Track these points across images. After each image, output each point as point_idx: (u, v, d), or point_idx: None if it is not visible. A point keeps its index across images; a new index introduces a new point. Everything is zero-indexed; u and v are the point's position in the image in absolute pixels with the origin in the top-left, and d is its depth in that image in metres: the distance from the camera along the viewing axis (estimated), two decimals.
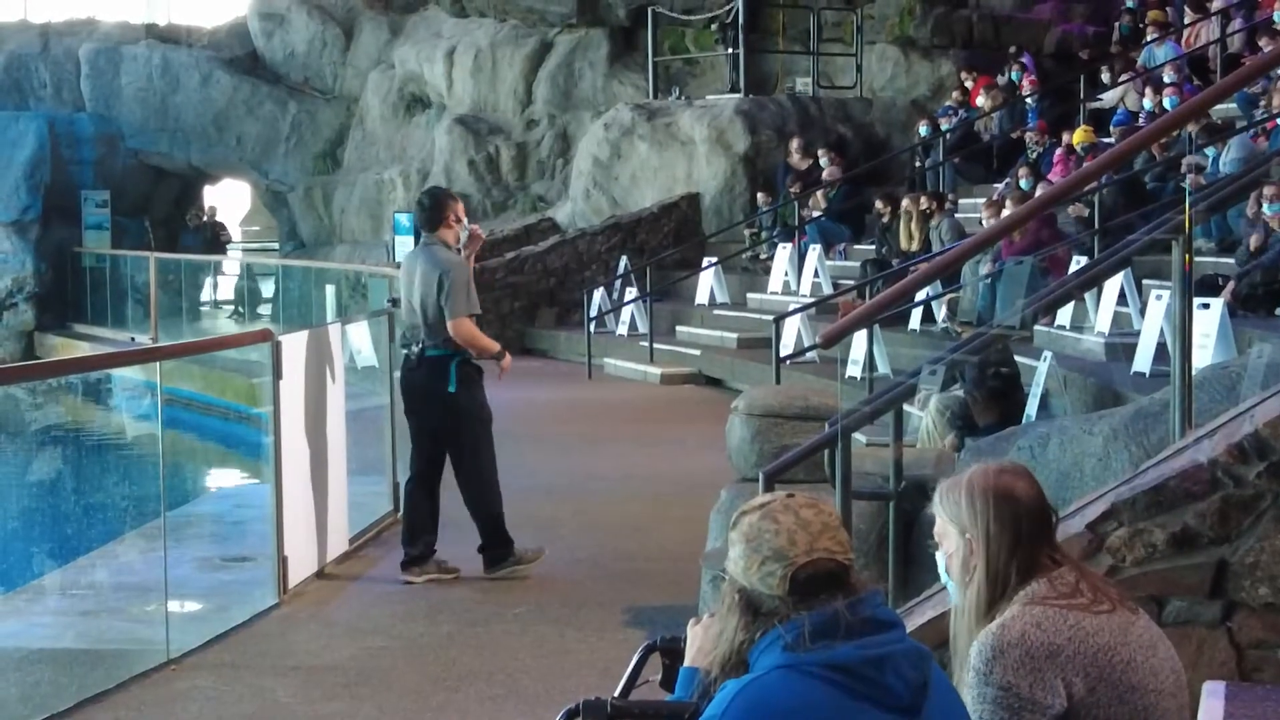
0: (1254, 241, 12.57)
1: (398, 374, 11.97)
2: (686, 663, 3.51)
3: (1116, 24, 22.59)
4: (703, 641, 3.46)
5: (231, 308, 28.75)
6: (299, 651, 8.15)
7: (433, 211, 9.52)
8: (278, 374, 9.07)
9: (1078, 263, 13.59)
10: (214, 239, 30.17)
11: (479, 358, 9.49)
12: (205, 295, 29.02)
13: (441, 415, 9.45)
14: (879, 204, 20.27)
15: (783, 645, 3.13)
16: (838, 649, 3.10)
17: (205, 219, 30.45)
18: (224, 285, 29.76)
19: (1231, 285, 11.48)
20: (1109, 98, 20.29)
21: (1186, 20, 20.51)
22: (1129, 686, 3.39)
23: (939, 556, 3.66)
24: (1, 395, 11.21)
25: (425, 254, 9.52)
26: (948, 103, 22.76)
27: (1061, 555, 3.60)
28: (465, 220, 9.62)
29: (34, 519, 12.23)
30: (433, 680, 7.60)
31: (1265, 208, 12.72)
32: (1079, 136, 18.03)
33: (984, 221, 16.07)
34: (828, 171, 22.23)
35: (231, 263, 30.77)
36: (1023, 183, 17.78)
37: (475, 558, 9.59)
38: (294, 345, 9.48)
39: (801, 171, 22.82)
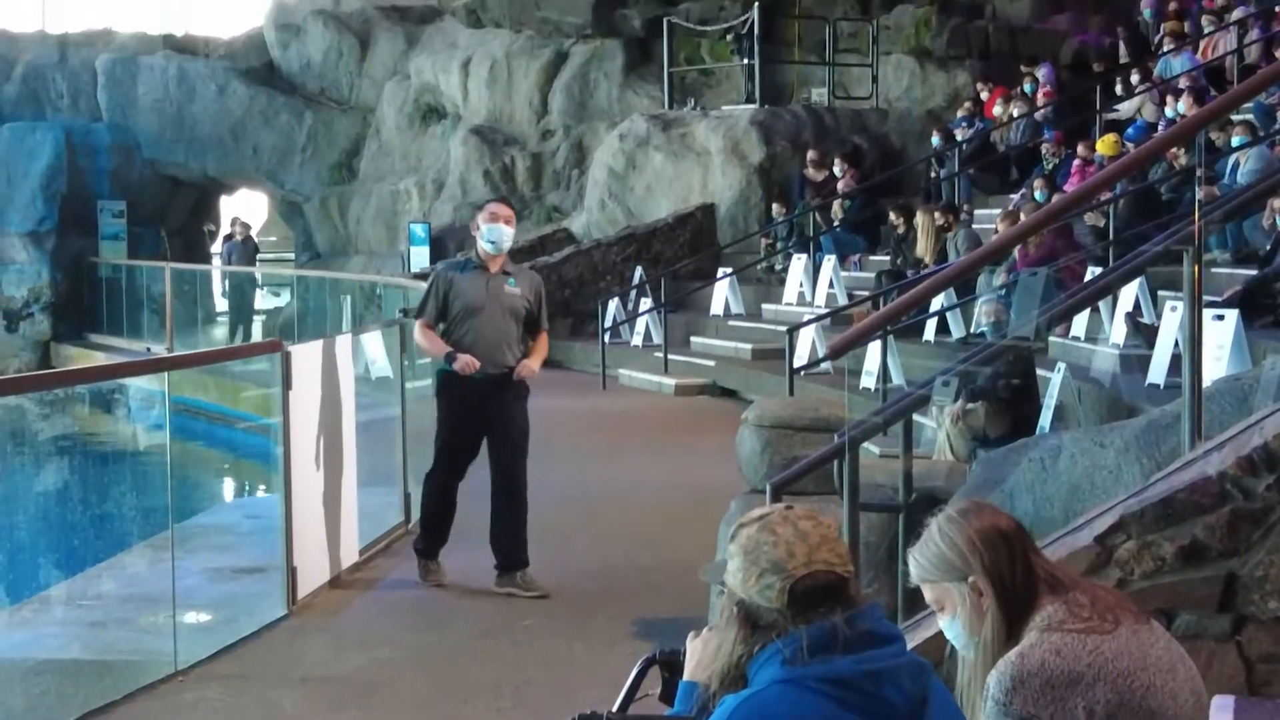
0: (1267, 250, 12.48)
1: (410, 384, 12.03)
2: (685, 676, 3.48)
3: (1124, 34, 22.35)
4: (702, 655, 3.44)
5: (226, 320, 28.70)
6: (307, 662, 8.13)
7: None
8: (287, 384, 9.05)
9: (1093, 274, 13.51)
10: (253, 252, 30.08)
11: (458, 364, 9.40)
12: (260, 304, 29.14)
13: None
14: (893, 215, 20.19)
15: (781, 659, 3.11)
16: (836, 663, 3.07)
17: (241, 233, 30.29)
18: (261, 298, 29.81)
19: (1237, 293, 11.37)
20: (1125, 109, 20.21)
21: (1204, 30, 20.45)
22: (1148, 712, 3.31)
23: (943, 623, 3.59)
24: (11, 405, 11.21)
25: None
26: (960, 114, 22.69)
27: (1044, 559, 3.56)
28: (484, 227, 9.52)
29: (42, 530, 12.23)
30: (440, 692, 7.58)
31: None
32: (1104, 147, 17.79)
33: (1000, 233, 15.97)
34: (843, 182, 22.18)
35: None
36: (1038, 194, 17.67)
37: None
38: (304, 356, 9.48)
39: (817, 183, 22.77)
